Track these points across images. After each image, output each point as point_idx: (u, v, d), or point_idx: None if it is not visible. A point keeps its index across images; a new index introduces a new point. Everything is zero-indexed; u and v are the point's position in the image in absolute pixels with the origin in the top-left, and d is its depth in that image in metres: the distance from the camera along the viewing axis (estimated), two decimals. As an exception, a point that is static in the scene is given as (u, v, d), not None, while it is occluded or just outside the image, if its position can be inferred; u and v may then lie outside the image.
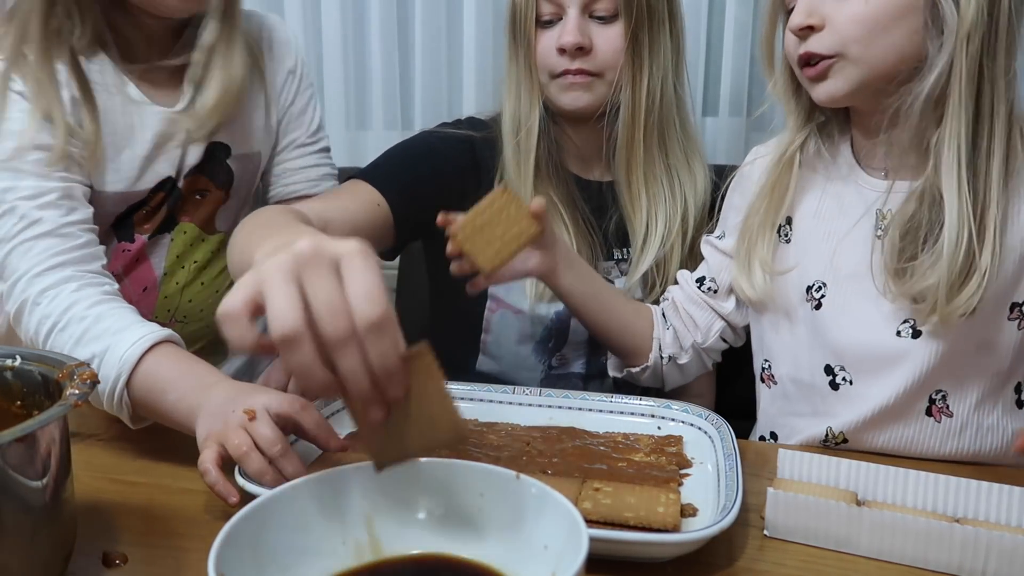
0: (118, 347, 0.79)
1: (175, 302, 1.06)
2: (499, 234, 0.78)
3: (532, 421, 0.86)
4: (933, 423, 0.85)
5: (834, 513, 0.65)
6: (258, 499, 0.52)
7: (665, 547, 0.62)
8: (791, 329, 0.93)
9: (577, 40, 1.00)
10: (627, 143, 1.05)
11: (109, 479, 0.77)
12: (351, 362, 0.49)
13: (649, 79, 1.03)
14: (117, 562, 0.63)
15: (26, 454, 0.53)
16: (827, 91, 0.84)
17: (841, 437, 0.88)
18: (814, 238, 0.91)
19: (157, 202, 1.01)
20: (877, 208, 0.86)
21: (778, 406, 0.96)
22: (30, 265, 0.84)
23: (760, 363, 0.99)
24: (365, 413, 0.52)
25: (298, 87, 1.11)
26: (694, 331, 1.00)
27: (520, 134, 1.06)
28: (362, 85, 1.70)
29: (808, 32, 0.83)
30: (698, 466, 0.77)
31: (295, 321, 0.48)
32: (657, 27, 1.03)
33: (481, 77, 1.63)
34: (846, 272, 0.88)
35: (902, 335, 0.84)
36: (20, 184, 0.87)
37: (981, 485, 0.68)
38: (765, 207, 0.93)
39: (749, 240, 0.94)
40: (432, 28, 1.65)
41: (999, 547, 0.61)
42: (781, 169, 0.93)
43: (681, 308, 1.00)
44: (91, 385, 0.58)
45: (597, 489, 0.68)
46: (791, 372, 0.93)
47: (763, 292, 0.92)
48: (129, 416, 0.80)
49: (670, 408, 0.88)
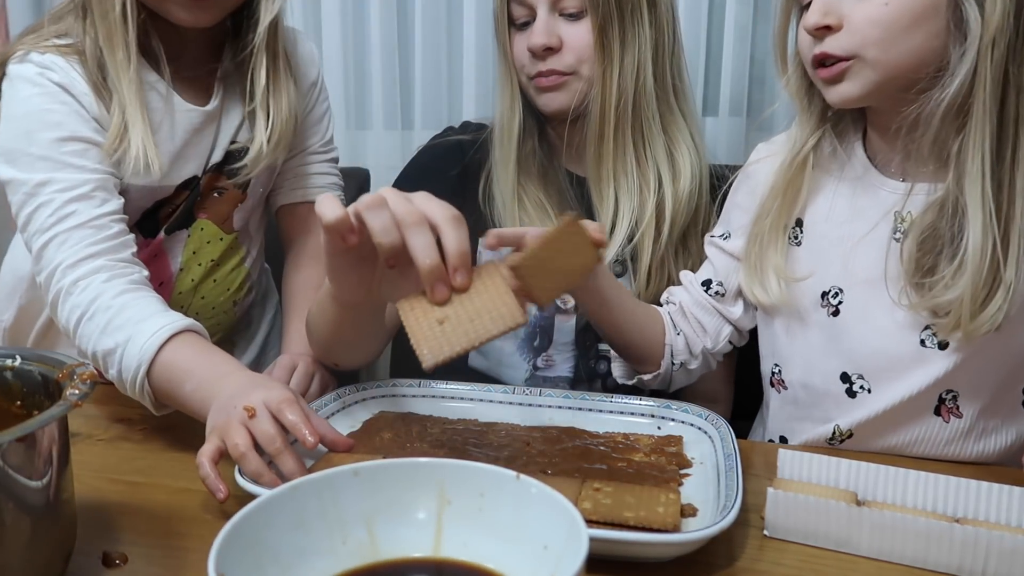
0: (139, 337, 0.81)
1: (188, 299, 1.08)
2: (560, 266, 0.71)
3: (532, 421, 0.86)
4: (941, 422, 0.85)
5: (834, 513, 0.65)
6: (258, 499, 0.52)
7: (665, 547, 0.62)
8: (804, 335, 0.91)
9: (543, 41, 1.01)
10: (596, 139, 1.04)
11: (109, 479, 0.77)
12: (422, 240, 0.64)
13: (620, 74, 1.01)
14: (117, 562, 0.63)
15: (26, 454, 0.53)
16: (841, 94, 0.82)
17: (848, 434, 0.88)
18: (827, 241, 0.89)
19: (182, 199, 1.03)
20: (895, 211, 0.84)
21: (788, 411, 0.94)
22: (64, 256, 0.87)
23: (769, 367, 0.97)
24: (432, 292, 0.63)
25: (318, 97, 1.14)
26: (703, 337, 0.98)
27: (504, 136, 1.07)
28: (362, 85, 1.70)
29: (824, 32, 0.80)
30: (698, 466, 0.77)
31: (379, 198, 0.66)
32: (630, 19, 1.01)
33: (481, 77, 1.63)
34: (863, 277, 0.86)
35: (927, 344, 0.83)
36: (57, 176, 0.89)
37: (981, 485, 0.68)
38: (777, 209, 0.91)
39: (760, 244, 0.91)
40: (432, 28, 1.65)
41: (999, 547, 0.61)
42: (794, 171, 0.90)
43: (689, 314, 0.98)
44: (91, 385, 0.58)
45: (597, 489, 0.68)
46: (803, 378, 0.91)
47: (778, 299, 0.90)
48: (152, 404, 0.83)
49: (670, 408, 0.88)
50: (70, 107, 0.91)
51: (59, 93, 0.91)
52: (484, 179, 1.09)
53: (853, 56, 0.79)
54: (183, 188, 1.02)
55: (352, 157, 1.70)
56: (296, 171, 1.14)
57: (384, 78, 1.66)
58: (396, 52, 1.66)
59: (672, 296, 1.01)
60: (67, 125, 0.90)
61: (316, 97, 1.14)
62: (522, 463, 0.75)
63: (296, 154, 1.14)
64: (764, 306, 0.93)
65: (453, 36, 1.66)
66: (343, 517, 0.54)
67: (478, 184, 1.09)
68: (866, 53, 0.78)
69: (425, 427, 0.83)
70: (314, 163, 1.15)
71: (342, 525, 0.54)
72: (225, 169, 1.05)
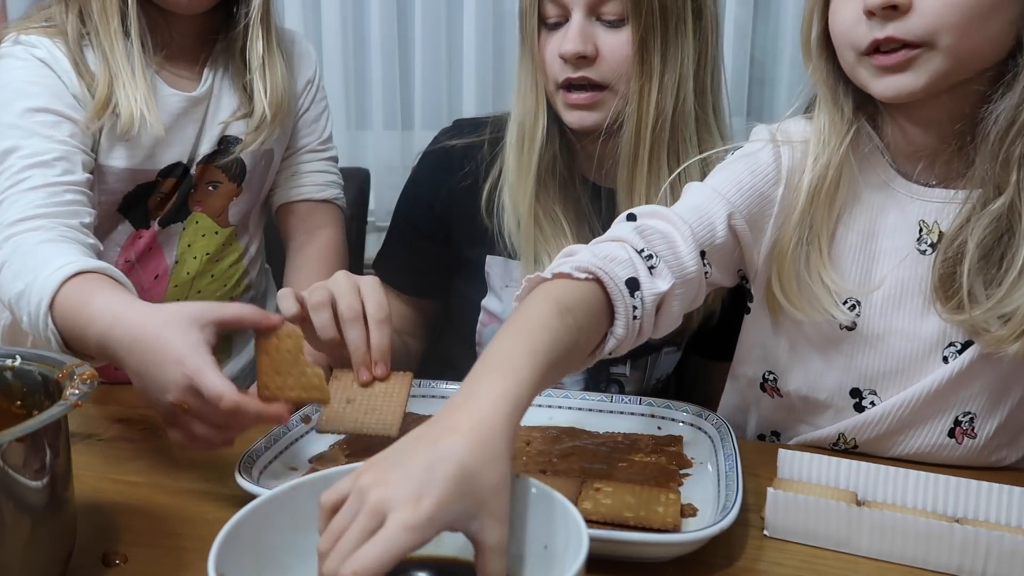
0: (44, 271, 0.78)
1: (185, 292, 1.09)
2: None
3: (532, 421, 0.86)
4: (954, 444, 0.82)
5: (834, 513, 0.65)
6: (258, 499, 0.52)
7: (665, 547, 0.62)
8: (809, 347, 0.85)
9: (577, 49, 0.91)
10: (630, 160, 0.94)
11: (109, 479, 0.76)
12: (354, 334, 0.75)
13: (659, 91, 0.92)
14: (117, 562, 0.63)
15: (26, 454, 0.53)
16: (900, 86, 0.72)
17: (852, 443, 0.85)
18: (844, 248, 0.82)
19: (169, 188, 1.03)
20: (920, 219, 0.79)
21: (783, 415, 0.91)
22: (9, 215, 0.86)
23: (760, 372, 0.91)
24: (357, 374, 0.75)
25: (314, 96, 1.15)
26: None
27: (524, 145, 0.98)
28: (362, 85, 1.70)
29: (891, 13, 0.70)
30: (698, 466, 0.77)
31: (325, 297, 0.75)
32: (674, 30, 0.91)
33: (481, 77, 1.63)
34: (885, 290, 0.80)
35: (949, 361, 0.78)
36: (24, 143, 0.90)
37: (981, 485, 0.68)
38: (819, 216, 0.80)
39: (802, 256, 0.80)
40: (432, 28, 1.65)
41: (999, 547, 0.61)
42: (831, 172, 0.79)
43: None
44: (91, 385, 0.58)
45: (597, 489, 0.68)
46: (803, 390, 0.87)
47: (849, 319, 0.80)
48: (59, 345, 0.78)
49: (670, 408, 0.88)
50: (49, 81, 0.93)
51: (40, 67, 0.93)
52: (488, 187, 1.01)
53: (924, 43, 0.70)
54: (167, 175, 1.02)
55: (352, 157, 1.70)
56: (294, 169, 1.15)
57: (384, 78, 1.66)
58: (396, 52, 1.66)
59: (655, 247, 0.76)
60: (42, 97, 0.92)
61: (313, 96, 1.15)
62: (522, 463, 0.75)
63: (293, 152, 1.14)
64: (795, 316, 0.82)
65: (453, 36, 1.66)
66: (343, 517, 0.54)
67: (479, 195, 1.01)
68: (939, 40, 0.69)
69: (425, 427, 0.83)
70: (311, 161, 1.15)
71: (342, 525, 0.54)
72: (220, 162, 1.05)
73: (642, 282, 0.71)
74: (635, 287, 0.71)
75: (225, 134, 1.05)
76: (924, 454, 0.83)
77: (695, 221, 0.79)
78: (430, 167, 1.07)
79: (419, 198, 1.08)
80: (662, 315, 0.74)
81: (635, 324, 0.71)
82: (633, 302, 0.70)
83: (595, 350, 0.71)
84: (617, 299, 0.70)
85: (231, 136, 1.05)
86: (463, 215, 1.03)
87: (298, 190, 1.15)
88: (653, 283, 0.72)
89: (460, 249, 1.06)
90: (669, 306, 0.74)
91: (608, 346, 0.71)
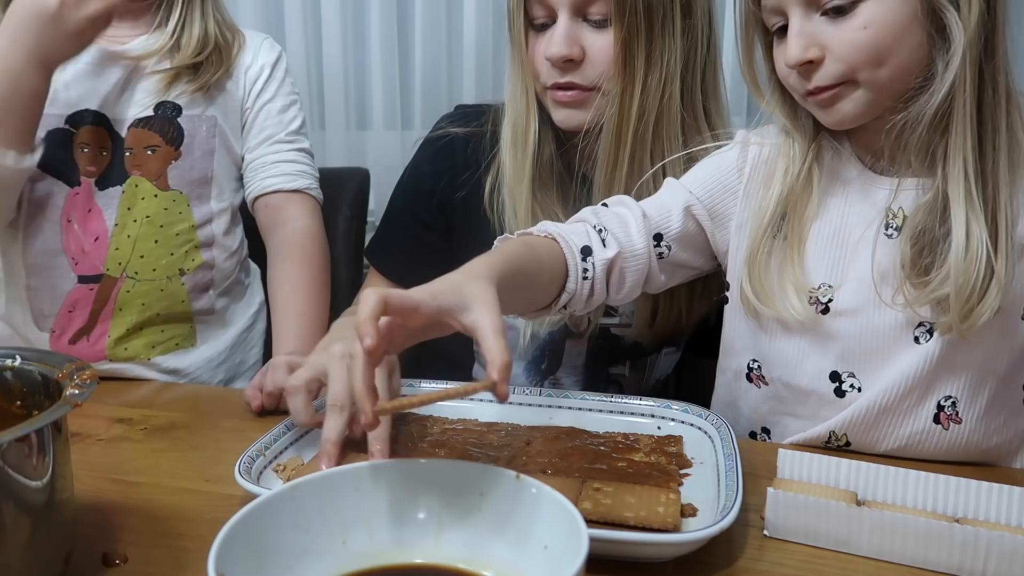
0: None
1: (126, 254, 1.09)
2: None
3: (532, 421, 0.86)
4: (940, 430, 0.84)
5: (834, 513, 0.65)
6: (258, 499, 0.52)
7: (665, 547, 0.62)
8: (787, 333, 0.89)
9: (563, 52, 0.91)
10: (608, 162, 0.94)
11: (109, 479, 0.77)
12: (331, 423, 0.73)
13: (641, 93, 0.91)
14: (117, 562, 0.63)
15: (26, 454, 0.53)
16: (841, 117, 0.81)
17: (844, 440, 0.87)
18: (821, 240, 0.87)
19: (92, 140, 1.07)
20: (886, 207, 0.84)
21: (770, 406, 0.93)
22: None
23: (745, 361, 0.94)
24: (352, 429, 0.73)
25: (279, 87, 1.18)
26: None
27: (518, 149, 0.98)
28: (362, 85, 1.70)
29: (809, 67, 0.79)
30: (698, 466, 0.77)
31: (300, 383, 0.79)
32: (660, 30, 0.91)
33: (481, 76, 1.63)
34: (855, 274, 0.85)
35: (920, 341, 0.82)
36: None
37: (981, 485, 0.68)
38: (789, 223, 0.87)
39: (772, 258, 0.87)
40: (432, 27, 1.65)
41: (999, 547, 0.61)
42: (801, 184, 0.87)
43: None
44: (91, 385, 0.58)
45: (597, 489, 0.68)
46: (786, 377, 0.90)
47: (804, 315, 0.85)
48: None
49: (670, 408, 0.88)
50: None
51: None
52: (490, 181, 1.01)
53: (845, 81, 0.79)
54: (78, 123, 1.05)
55: (352, 157, 1.70)
56: (262, 159, 1.17)
57: (384, 78, 1.66)
58: (396, 52, 1.66)
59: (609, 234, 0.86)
60: None
61: (277, 86, 1.18)
62: (522, 463, 0.75)
63: (260, 143, 1.17)
64: (760, 313, 0.89)
65: (453, 36, 1.66)
66: (343, 517, 0.54)
67: (481, 185, 1.01)
68: (857, 76, 0.78)
69: (425, 427, 0.83)
70: (280, 151, 1.17)
71: (342, 525, 0.54)
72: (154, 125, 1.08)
73: (594, 250, 0.84)
74: (588, 253, 0.84)
75: (163, 99, 1.08)
76: (915, 445, 0.84)
77: (653, 209, 0.90)
78: (433, 155, 1.06)
79: (421, 186, 1.07)
80: (613, 282, 0.86)
81: (585, 284, 0.84)
82: (584, 265, 0.83)
83: (551, 303, 0.83)
84: (570, 258, 0.82)
85: (169, 102, 1.09)
86: (466, 205, 1.03)
87: (268, 181, 1.16)
88: (603, 252, 0.85)
89: (461, 240, 1.05)
90: (619, 274, 0.86)
91: (562, 299, 0.82)
